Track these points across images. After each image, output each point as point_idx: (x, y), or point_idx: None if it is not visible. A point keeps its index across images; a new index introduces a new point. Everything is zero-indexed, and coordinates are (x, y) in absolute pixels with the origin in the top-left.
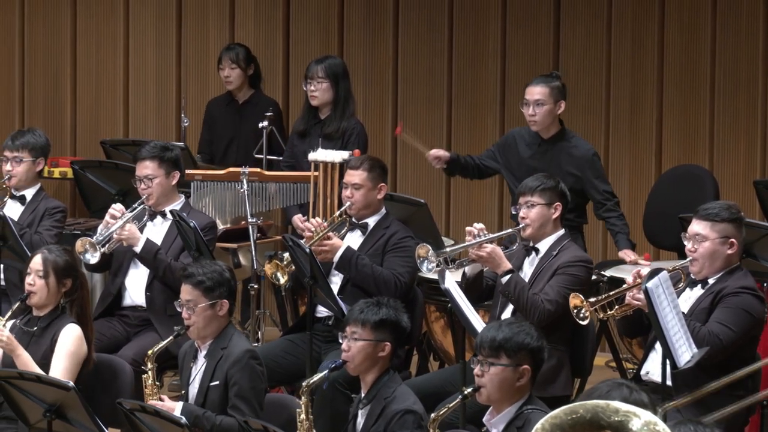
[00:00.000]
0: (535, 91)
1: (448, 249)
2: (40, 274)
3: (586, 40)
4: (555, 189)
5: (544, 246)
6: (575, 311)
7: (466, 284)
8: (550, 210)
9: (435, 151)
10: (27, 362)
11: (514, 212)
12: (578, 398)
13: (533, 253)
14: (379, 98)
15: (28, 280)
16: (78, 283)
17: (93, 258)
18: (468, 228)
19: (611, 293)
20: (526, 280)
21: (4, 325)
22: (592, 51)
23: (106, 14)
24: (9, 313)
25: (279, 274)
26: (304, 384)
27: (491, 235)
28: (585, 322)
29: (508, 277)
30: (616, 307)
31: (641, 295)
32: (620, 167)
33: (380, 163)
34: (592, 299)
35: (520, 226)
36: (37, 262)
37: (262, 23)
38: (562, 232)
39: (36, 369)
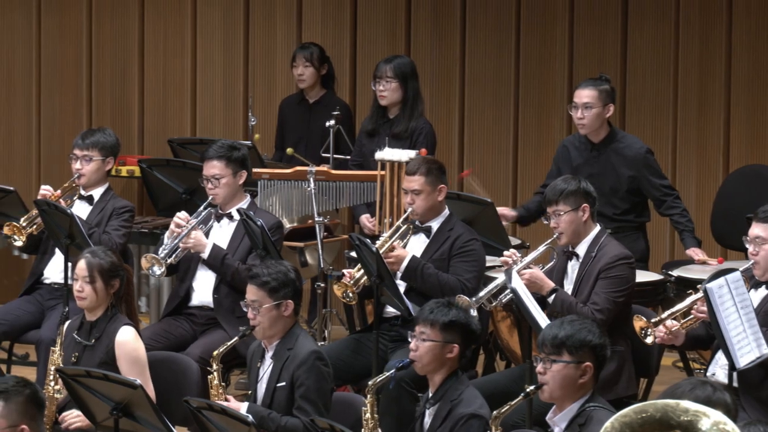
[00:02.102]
0: (584, 94)
1: (480, 294)
2: (87, 280)
3: (653, 40)
4: (578, 191)
5: (582, 249)
6: (642, 333)
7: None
8: (579, 213)
9: (500, 210)
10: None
11: (545, 222)
12: (660, 395)
13: (574, 258)
14: (445, 99)
15: (76, 286)
16: (125, 281)
17: (159, 271)
18: (502, 258)
19: (673, 309)
20: (572, 285)
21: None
22: (659, 51)
23: (174, 13)
24: (63, 325)
25: (349, 293)
26: (370, 383)
27: (528, 258)
28: (649, 341)
29: (553, 296)
30: (682, 321)
31: (705, 308)
32: (688, 167)
33: (437, 164)
34: (655, 319)
35: (554, 236)
36: (81, 267)
37: (329, 23)
38: (596, 230)
39: None
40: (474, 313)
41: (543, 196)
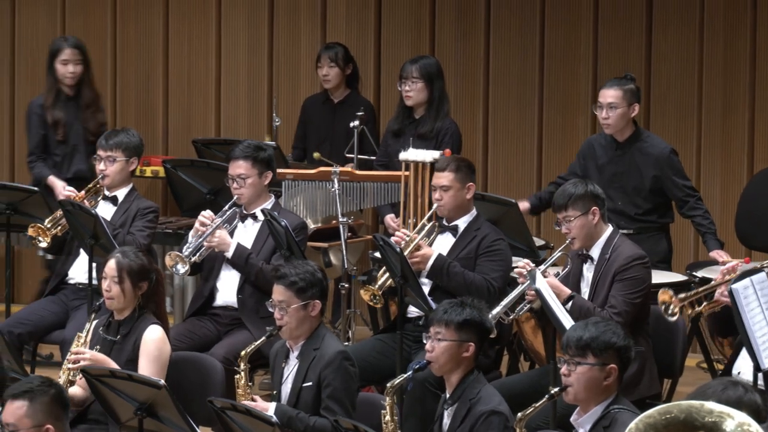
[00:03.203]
0: (608, 94)
1: (495, 311)
2: (115, 280)
3: (677, 41)
4: (586, 195)
5: (596, 251)
6: (663, 307)
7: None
8: (589, 217)
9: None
10: None
11: (557, 228)
12: (690, 395)
13: (588, 261)
14: (470, 99)
15: (104, 285)
16: (154, 282)
17: (182, 269)
18: (516, 270)
19: (700, 289)
20: (588, 288)
21: (85, 342)
22: (684, 52)
23: (198, 14)
24: (87, 325)
25: (377, 297)
26: (388, 385)
27: (543, 266)
28: (674, 318)
29: (570, 303)
30: (705, 303)
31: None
32: (712, 169)
33: (467, 163)
34: (682, 295)
35: (567, 242)
36: (111, 267)
37: (353, 23)
38: (609, 231)
39: None
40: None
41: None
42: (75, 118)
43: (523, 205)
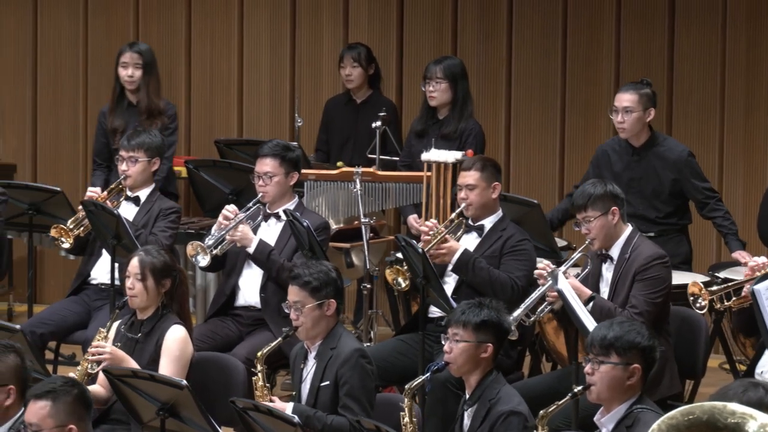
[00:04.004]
0: (624, 98)
1: (516, 313)
2: (138, 277)
3: (700, 40)
4: (605, 195)
5: (615, 251)
6: (692, 299)
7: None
8: (609, 217)
9: None
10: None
11: (576, 228)
12: (711, 397)
13: (608, 261)
14: (492, 99)
15: (128, 283)
16: (178, 281)
17: (203, 261)
18: (536, 272)
19: (731, 284)
20: (608, 288)
21: (106, 337)
22: (706, 51)
23: (221, 14)
24: (110, 322)
25: (400, 279)
26: (406, 386)
27: (563, 267)
28: (702, 312)
29: (591, 304)
30: (734, 298)
31: None
32: (734, 168)
33: (493, 162)
34: (712, 288)
35: (587, 242)
36: (134, 265)
37: (376, 24)
38: (629, 231)
39: None
40: (515, 335)
41: (571, 201)
42: (136, 126)
43: None
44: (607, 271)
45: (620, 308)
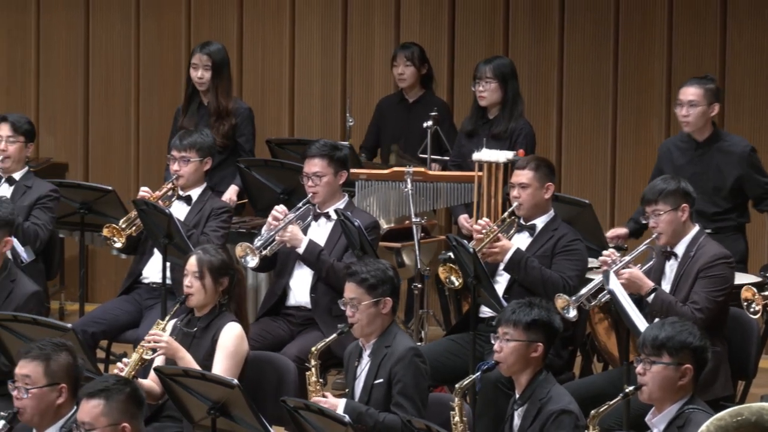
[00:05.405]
0: (689, 92)
1: (583, 292)
2: (196, 275)
3: (752, 40)
4: (677, 191)
5: (680, 249)
6: (746, 304)
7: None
8: (678, 213)
9: (612, 232)
10: (189, 364)
11: (644, 222)
12: (762, 399)
13: (672, 258)
14: (544, 100)
15: (186, 282)
16: (235, 281)
17: (252, 262)
18: (600, 258)
19: None
20: (670, 285)
21: (164, 328)
22: (758, 51)
23: (272, 15)
24: (168, 316)
25: (453, 278)
26: (457, 386)
27: (627, 258)
28: (756, 316)
29: (653, 296)
30: None
31: None
32: None
33: (546, 162)
34: (766, 292)
35: (654, 236)
36: (192, 263)
37: (427, 24)
38: (695, 230)
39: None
40: (573, 311)
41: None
42: (205, 127)
43: (622, 231)
44: (671, 269)
45: (681, 303)
